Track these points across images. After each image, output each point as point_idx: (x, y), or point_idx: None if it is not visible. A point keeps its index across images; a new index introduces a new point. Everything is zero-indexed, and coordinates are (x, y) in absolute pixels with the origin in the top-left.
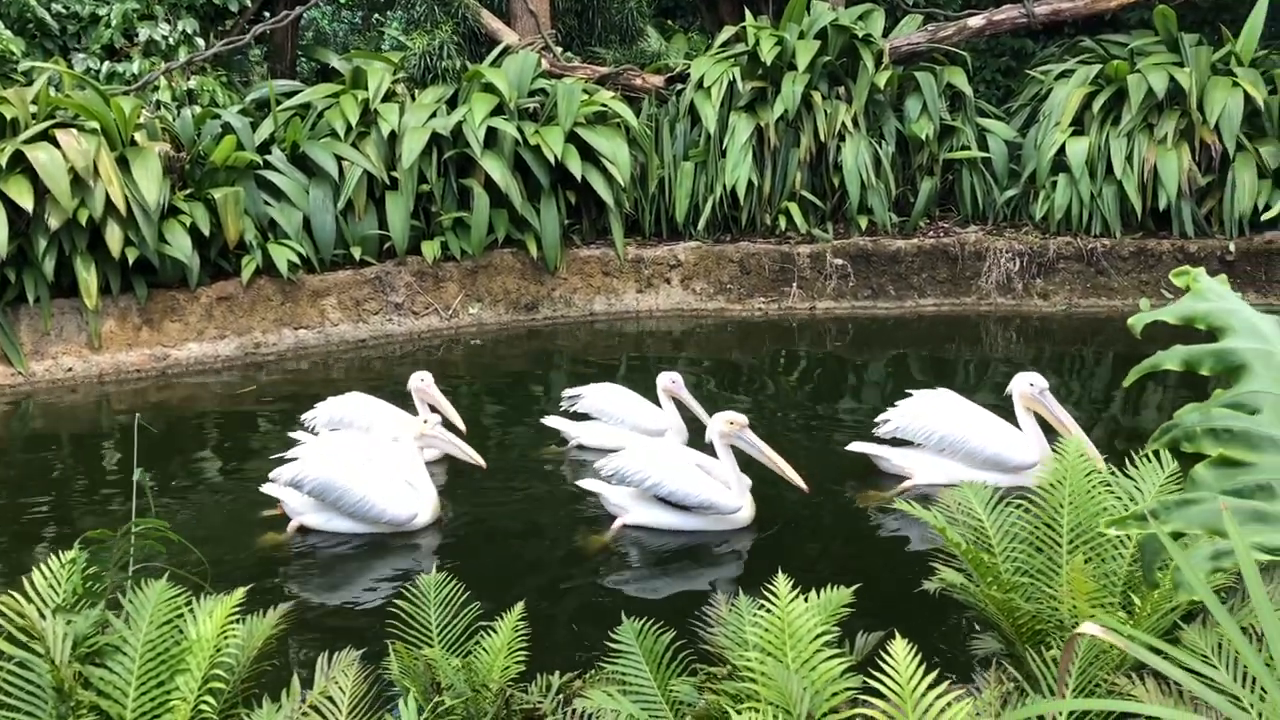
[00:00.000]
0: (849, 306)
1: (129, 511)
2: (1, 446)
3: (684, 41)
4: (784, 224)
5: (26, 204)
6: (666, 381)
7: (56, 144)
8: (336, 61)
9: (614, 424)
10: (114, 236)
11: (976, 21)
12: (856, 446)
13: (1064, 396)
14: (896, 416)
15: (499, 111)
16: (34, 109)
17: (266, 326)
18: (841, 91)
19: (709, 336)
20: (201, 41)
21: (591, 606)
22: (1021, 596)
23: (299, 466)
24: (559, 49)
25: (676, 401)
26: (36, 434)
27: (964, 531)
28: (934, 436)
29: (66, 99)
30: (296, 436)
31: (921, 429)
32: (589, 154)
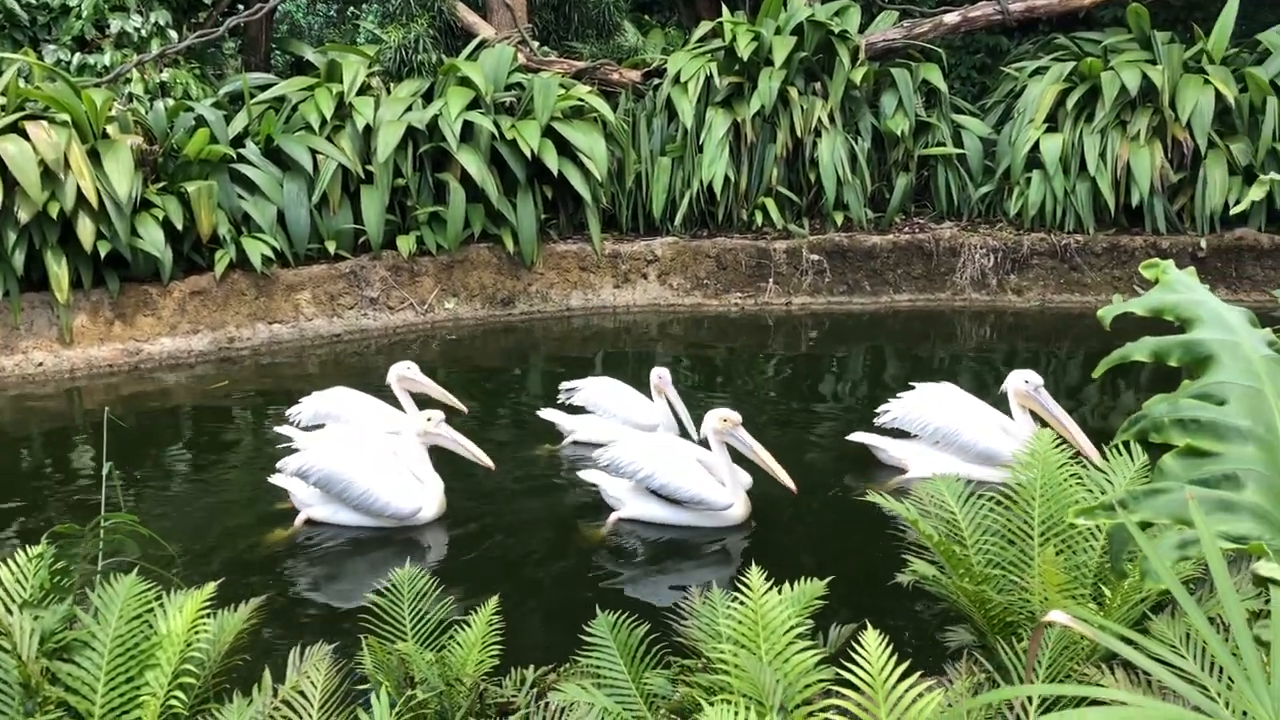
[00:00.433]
0: (825, 302)
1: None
2: None
3: (661, 36)
4: (760, 220)
5: None
6: (655, 377)
7: (26, 136)
8: (311, 54)
9: (607, 418)
10: (85, 230)
11: (952, 18)
12: (857, 436)
13: None
14: (897, 407)
15: (475, 105)
16: (3, 100)
17: (240, 321)
18: (818, 87)
19: (686, 332)
20: (174, 34)
21: (580, 601)
22: (993, 588)
23: (306, 457)
24: (535, 43)
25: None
26: (6, 429)
27: (937, 524)
28: (928, 428)
29: (36, 91)
30: (283, 431)
31: (917, 420)
32: (566, 149)
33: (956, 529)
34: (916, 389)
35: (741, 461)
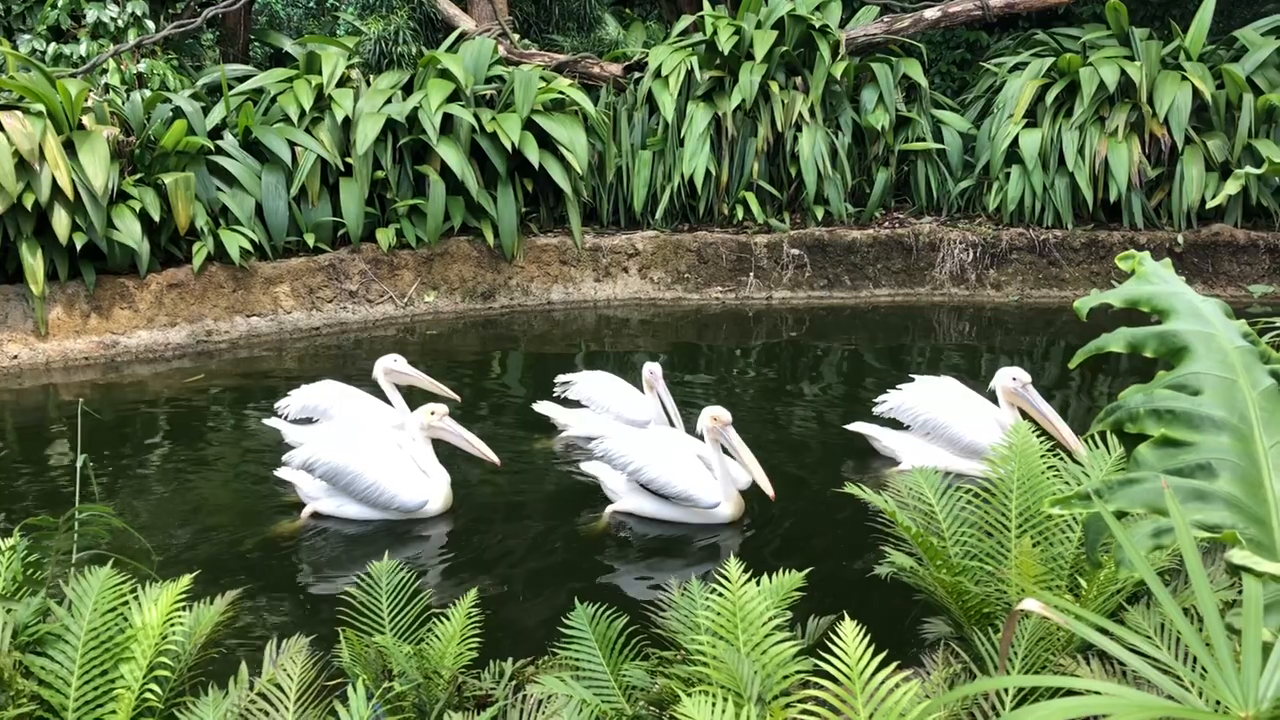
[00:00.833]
0: (805, 296)
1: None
2: None
3: (642, 30)
4: (741, 214)
5: None
6: (646, 372)
7: (1, 127)
8: (290, 46)
9: (601, 412)
10: (61, 222)
11: (932, 13)
12: (856, 426)
13: None
14: (894, 398)
15: (455, 98)
16: None
17: (218, 314)
18: (799, 82)
19: (666, 325)
20: (151, 24)
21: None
22: (970, 580)
23: (311, 450)
24: (516, 35)
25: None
26: None
27: (915, 516)
28: (919, 420)
29: (11, 81)
30: (270, 424)
31: (910, 412)
32: (546, 142)
33: (934, 521)
34: (917, 380)
35: None
